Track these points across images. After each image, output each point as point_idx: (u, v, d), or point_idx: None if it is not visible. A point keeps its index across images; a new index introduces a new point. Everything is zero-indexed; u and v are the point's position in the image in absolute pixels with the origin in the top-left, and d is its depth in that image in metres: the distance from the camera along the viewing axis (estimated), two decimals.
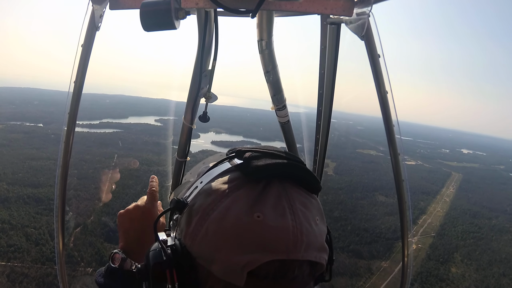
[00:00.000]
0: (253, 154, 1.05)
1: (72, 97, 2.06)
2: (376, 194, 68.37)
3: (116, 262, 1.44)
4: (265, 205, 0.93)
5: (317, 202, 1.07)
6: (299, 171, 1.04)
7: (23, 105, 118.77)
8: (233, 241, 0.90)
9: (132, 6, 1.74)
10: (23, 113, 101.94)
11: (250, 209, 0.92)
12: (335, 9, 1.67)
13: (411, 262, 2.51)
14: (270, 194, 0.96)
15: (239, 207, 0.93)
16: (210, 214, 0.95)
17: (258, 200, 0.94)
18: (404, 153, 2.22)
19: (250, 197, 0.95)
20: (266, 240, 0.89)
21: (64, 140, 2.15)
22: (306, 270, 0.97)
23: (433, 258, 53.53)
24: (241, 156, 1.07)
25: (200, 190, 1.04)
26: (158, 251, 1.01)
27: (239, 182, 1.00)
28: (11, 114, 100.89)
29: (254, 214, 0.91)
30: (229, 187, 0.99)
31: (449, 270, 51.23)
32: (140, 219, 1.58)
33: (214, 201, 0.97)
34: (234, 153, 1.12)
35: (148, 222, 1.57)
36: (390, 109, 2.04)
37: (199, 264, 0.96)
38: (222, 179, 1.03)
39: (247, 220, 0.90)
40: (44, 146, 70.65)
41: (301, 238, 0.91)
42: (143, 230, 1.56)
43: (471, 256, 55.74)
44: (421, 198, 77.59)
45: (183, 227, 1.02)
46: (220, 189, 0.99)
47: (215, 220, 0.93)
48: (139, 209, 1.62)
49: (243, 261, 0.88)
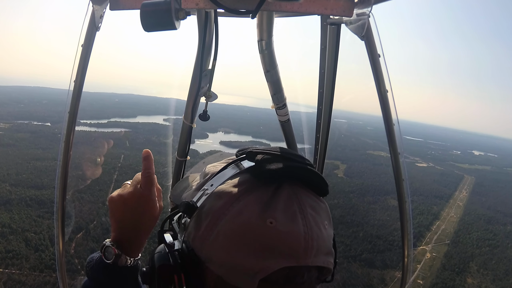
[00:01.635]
0: (264, 156, 1.04)
1: (72, 97, 2.07)
2: (388, 198, 66.12)
3: (110, 257, 1.29)
4: (276, 210, 0.93)
5: (326, 205, 1.07)
6: (309, 174, 1.04)
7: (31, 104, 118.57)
8: (245, 246, 0.90)
9: (132, 7, 1.75)
10: (31, 112, 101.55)
11: (262, 214, 0.92)
12: (335, 9, 1.67)
13: (411, 262, 2.49)
14: (281, 197, 0.96)
15: (251, 212, 0.92)
16: (221, 218, 0.94)
17: (269, 204, 0.94)
18: (404, 153, 2.20)
19: (261, 201, 0.95)
20: (278, 246, 0.89)
21: (64, 140, 2.16)
22: (314, 274, 0.98)
23: (448, 268, 51.88)
24: (252, 158, 1.06)
25: (210, 193, 1.02)
26: (164, 254, 1.01)
27: (250, 185, 0.99)
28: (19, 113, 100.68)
29: (267, 220, 0.90)
30: (240, 190, 0.98)
31: (465, 281, 49.53)
32: (135, 208, 1.33)
33: (225, 204, 0.96)
34: (245, 154, 1.10)
35: (145, 211, 1.34)
36: (390, 108, 2.04)
37: (208, 268, 0.96)
38: (232, 182, 1.02)
39: (260, 226, 0.90)
40: (50, 146, 70.17)
41: (311, 243, 0.92)
42: (139, 220, 1.34)
43: (487, 266, 53.94)
44: (434, 202, 76.14)
45: (191, 230, 1.01)
46: (231, 192, 0.98)
47: (227, 224, 0.93)
48: (133, 195, 1.33)
49: (256, 267, 0.89)
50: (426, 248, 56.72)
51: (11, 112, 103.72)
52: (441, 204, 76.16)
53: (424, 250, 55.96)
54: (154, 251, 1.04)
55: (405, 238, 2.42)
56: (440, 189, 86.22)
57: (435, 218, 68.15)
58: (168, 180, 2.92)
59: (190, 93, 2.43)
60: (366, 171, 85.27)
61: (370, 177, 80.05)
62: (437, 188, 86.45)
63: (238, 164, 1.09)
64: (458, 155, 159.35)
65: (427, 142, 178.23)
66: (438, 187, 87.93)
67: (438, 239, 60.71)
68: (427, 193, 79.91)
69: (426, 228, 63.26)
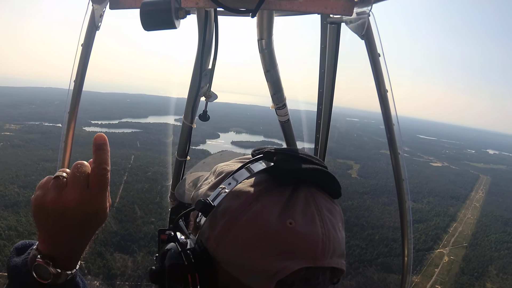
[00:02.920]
0: (282, 157, 1.03)
1: (72, 96, 2.08)
2: None
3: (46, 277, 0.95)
4: (295, 211, 0.93)
5: (339, 208, 1.07)
6: (326, 177, 1.04)
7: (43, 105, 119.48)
8: (264, 247, 0.90)
9: (132, 6, 1.76)
10: (42, 113, 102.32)
11: (282, 215, 0.91)
12: (335, 8, 1.67)
13: (410, 262, 2.50)
14: (299, 199, 0.96)
15: (271, 212, 0.92)
16: (240, 218, 0.93)
17: (288, 205, 0.94)
18: (404, 153, 2.21)
19: (280, 202, 0.94)
20: (297, 247, 0.89)
21: (64, 140, 2.16)
22: (328, 276, 0.98)
23: (467, 272, 50.69)
24: (270, 158, 1.05)
25: (227, 192, 1.00)
26: (177, 253, 0.99)
27: (268, 185, 0.98)
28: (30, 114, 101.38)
29: (286, 221, 0.90)
30: (259, 190, 0.97)
31: (484, 286, 48.25)
32: (79, 219, 0.96)
33: (243, 204, 0.95)
34: (262, 154, 1.08)
35: (92, 222, 0.99)
36: (390, 107, 2.04)
37: (222, 268, 0.96)
38: (249, 181, 1.01)
39: (279, 227, 0.90)
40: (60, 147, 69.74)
41: (328, 245, 0.92)
42: (83, 234, 1.00)
43: (507, 270, 52.53)
44: (450, 203, 75.03)
45: (205, 230, 0.99)
46: (249, 192, 0.97)
47: (245, 224, 0.92)
48: (79, 202, 0.94)
49: (274, 268, 0.88)
50: (444, 251, 55.59)
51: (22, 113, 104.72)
52: (457, 205, 74.93)
53: (441, 253, 54.89)
54: (164, 250, 1.02)
55: (405, 238, 2.41)
56: (456, 190, 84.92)
57: (452, 220, 67.08)
58: (168, 180, 2.91)
59: (190, 93, 2.44)
60: (380, 171, 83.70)
61: (384, 177, 78.34)
62: (453, 189, 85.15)
63: (256, 164, 1.07)
64: (472, 154, 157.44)
65: (441, 141, 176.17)
66: (453, 188, 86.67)
67: (456, 241, 59.69)
68: (443, 193, 78.67)
69: (443, 230, 62.07)
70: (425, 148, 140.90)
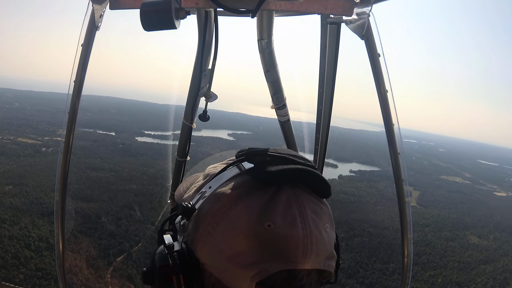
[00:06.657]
0: (264, 157, 1.04)
1: (72, 97, 2.07)
2: (468, 234, 59.66)
3: None
4: (275, 213, 0.92)
5: (328, 208, 1.06)
6: (311, 176, 1.02)
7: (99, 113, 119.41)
8: (242, 250, 0.90)
9: (132, 6, 1.76)
10: (97, 120, 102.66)
11: (260, 217, 0.92)
12: (335, 9, 1.68)
13: (410, 262, 2.47)
14: (280, 200, 0.95)
15: (249, 215, 0.92)
16: (219, 221, 0.95)
17: (268, 207, 0.94)
18: (404, 153, 2.18)
19: (260, 204, 0.94)
20: (276, 249, 0.90)
21: (64, 140, 2.15)
22: (314, 277, 0.98)
23: None
24: (251, 159, 1.05)
25: (209, 195, 1.02)
26: (164, 255, 1.01)
27: (249, 187, 0.98)
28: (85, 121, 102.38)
29: (264, 223, 0.90)
30: (239, 192, 0.97)
31: None
32: None
33: (222, 207, 0.96)
34: (244, 156, 1.09)
35: None
36: (390, 108, 2.04)
37: (206, 270, 0.97)
38: (231, 184, 1.01)
39: (258, 229, 0.90)
40: (109, 156, 69.34)
41: (310, 247, 0.91)
42: None
43: None
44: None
45: (190, 232, 1.02)
46: (229, 194, 0.98)
47: (225, 227, 0.93)
48: None
49: (252, 270, 0.89)
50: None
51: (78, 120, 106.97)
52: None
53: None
54: (155, 252, 1.04)
55: (405, 238, 2.39)
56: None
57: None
58: (168, 181, 2.91)
59: (190, 93, 2.43)
60: (442, 200, 76.85)
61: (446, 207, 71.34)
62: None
63: (239, 165, 1.07)
64: None
65: (503, 168, 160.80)
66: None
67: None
68: (510, 228, 69.06)
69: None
70: (487, 175, 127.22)
